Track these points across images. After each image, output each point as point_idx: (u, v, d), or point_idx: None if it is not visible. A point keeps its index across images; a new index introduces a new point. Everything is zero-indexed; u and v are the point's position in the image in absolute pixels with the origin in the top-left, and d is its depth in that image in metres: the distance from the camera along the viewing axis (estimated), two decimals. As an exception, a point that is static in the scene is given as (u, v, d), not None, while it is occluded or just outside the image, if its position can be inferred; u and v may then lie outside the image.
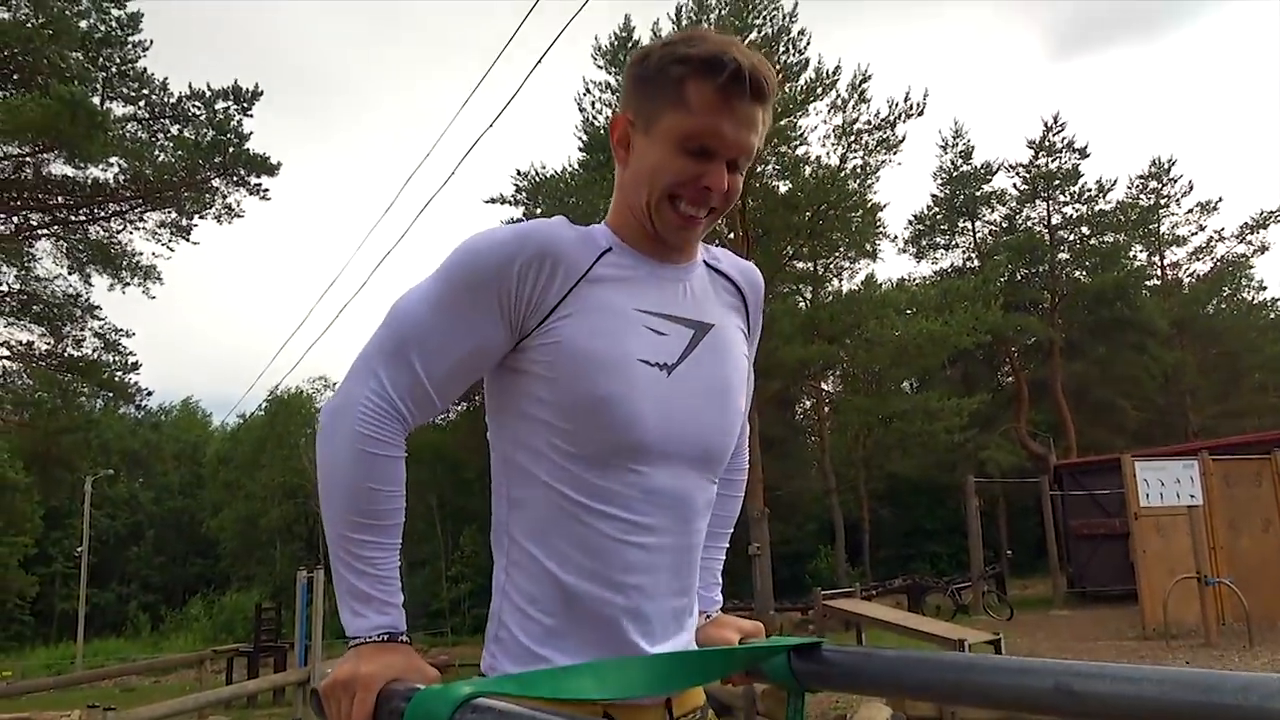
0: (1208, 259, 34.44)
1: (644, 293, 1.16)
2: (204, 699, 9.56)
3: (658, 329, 1.15)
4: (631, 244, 1.18)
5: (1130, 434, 30.91)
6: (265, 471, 39.89)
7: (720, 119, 1.09)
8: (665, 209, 1.13)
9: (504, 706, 0.75)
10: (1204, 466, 12.08)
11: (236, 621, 32.50)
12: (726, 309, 1.26)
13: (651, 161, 1.13)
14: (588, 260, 1.14)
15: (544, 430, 1.12)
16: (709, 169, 1.11)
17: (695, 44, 1.11)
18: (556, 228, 1.14)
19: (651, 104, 1.13)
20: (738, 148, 1.12)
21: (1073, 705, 0.87)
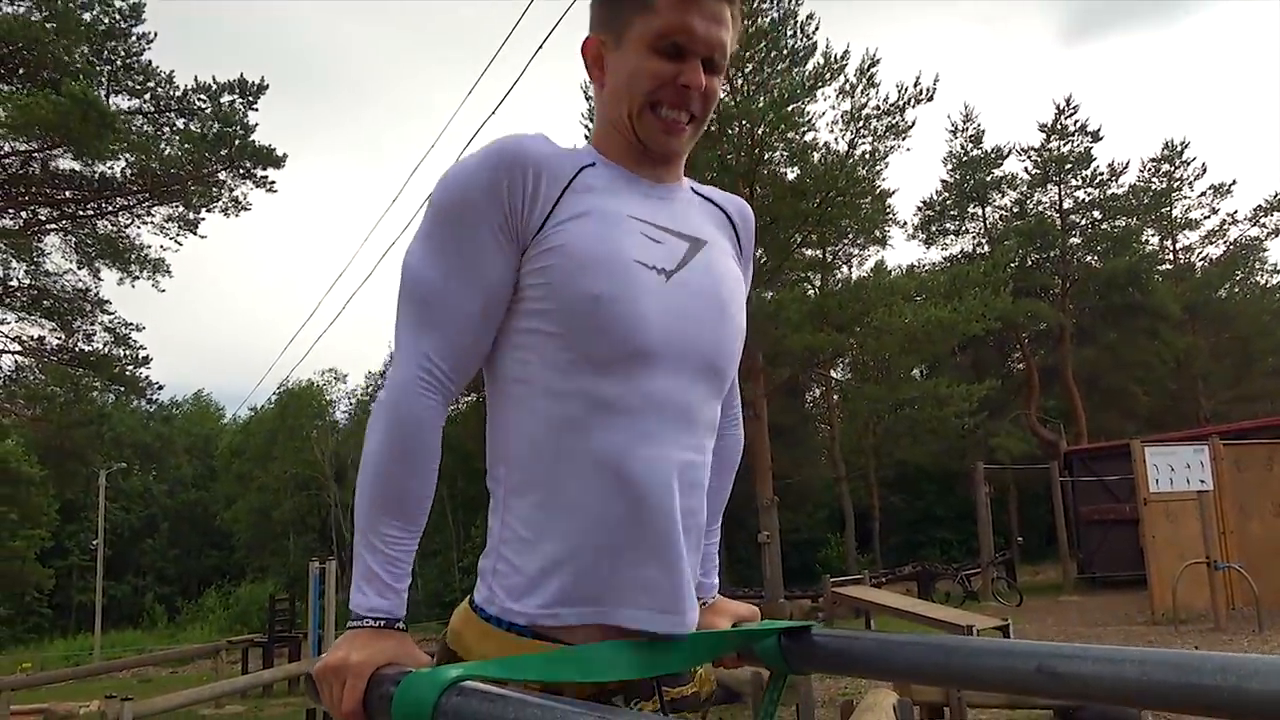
0: (1220, 242, 34.19)
1: (634, 203, 1.14)
2: (220, 688, 9.67)
3: (653, 236, 1.13)
4: (617, 160, 1.17)
5: (1142, 420, 30.78)
6: (277, 464, 40.13)
7: (688, 14, 1.10)
8: (648, 116, 1.13)
9: (490, 689, 0.77)
10: (1214, 451, 12.05)
11: (251, 612, 32.74)
12: (717, 229, 1.25)
13: (627, 71, 1.13)
14: (570, 170, 1.12)
15: (541, 344, 1.08)
16: (684, 67, 1.11)
17: None
18: (532, 140, 1.12)
19: (619, 16, 1.14)
20: (709, 44, 1.12)
21: (1055, 686, 0.88)
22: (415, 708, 0.80)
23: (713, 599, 1.31)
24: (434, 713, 0.78)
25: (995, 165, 33.08)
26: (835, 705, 6.29)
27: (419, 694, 0.81)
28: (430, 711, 0.78)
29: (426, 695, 0.79)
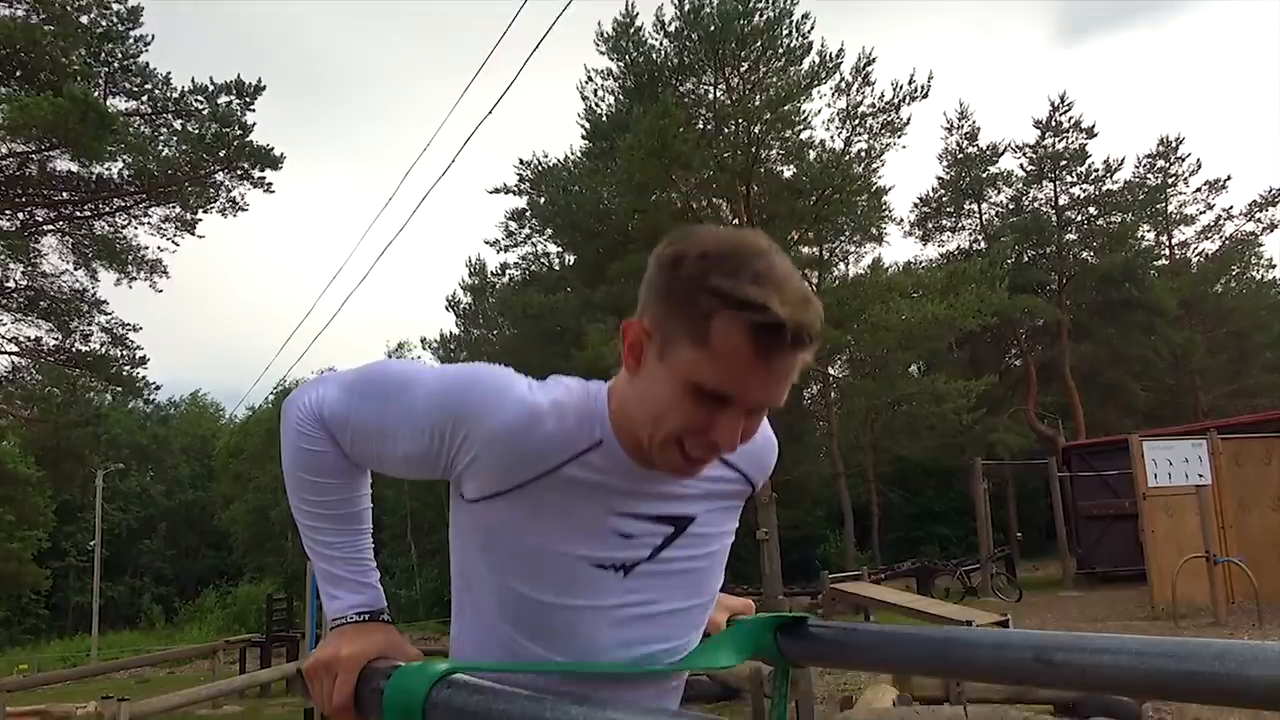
0: (1216, 237, 34.26)
1: (618, 496, 1.06)
2: (218, 688, 9.64)
3: (625, 531, 1.06)
4: (625, 441, 1.04)
5: (1139, 415, 30.80)
6: (274, 464, 40.04)
7: (748, 372, 0.92)
8: (670, 450, 0.99)
9: (479, 682, 0.76)
10: (1213, 446, 12.05)
11: (249, 612, 32.68)
12: (714, 497, 1.14)
13: (659, 395, 0.97)
14: (558, 459, 1.03)
15: (485, 574, 1.08)
16: (721, 420, 0.95)
17: (733, 271, 0.91)
18: (537, 420, 1.02)
19: (670, 325, 0.95)
20: (764, 399, 0.96)
21: (1053, 675, 0.87)
22: (406, 701, 0.80)
23: None
24: (425, 706, 0.77)
25: (991, 162, 33.12)
26: (835, 701, 6.29)
27: (410, 687, 0.80)
28: (421, 705, 0.77)
29: (417, 688, 0.79)
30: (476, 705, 0.72)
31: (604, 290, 22.10)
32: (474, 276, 37.59)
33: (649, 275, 1.00)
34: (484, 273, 37.11)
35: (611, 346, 17.79)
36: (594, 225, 23.50)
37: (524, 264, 32.50)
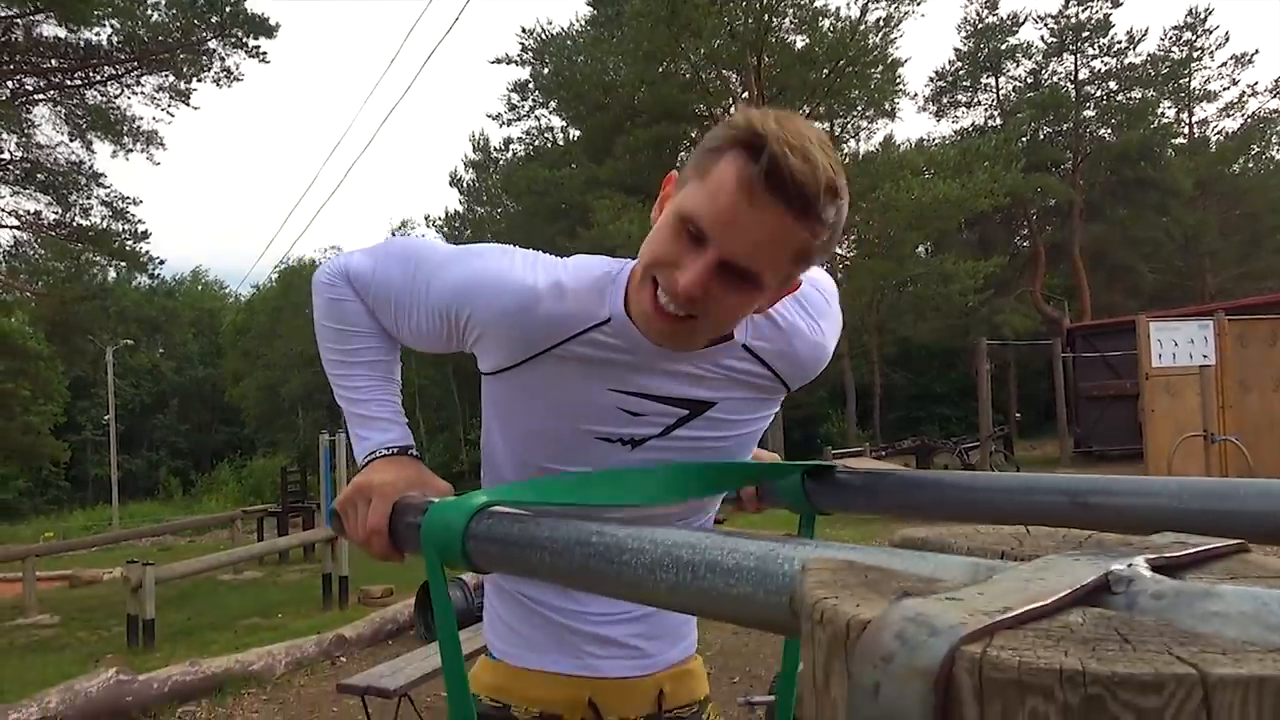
0: (1238, 115, 33.26)
1: (625, 373, 1.06)
2: (239, 554, 10.00)
3: (632, 409, 1.07)
4: (639, 318, 1.03)
5: (1146, 297, 30.68)
6: (282, 341, 40.38)
7: (725, 206, 0.89)
8: (644, 288, 0.97)
9: (520, 512, 0.76)
10: (1219, 327, 12.04)
11: (264, 485, 33.59)
12: (740, 386, 1.11)
13: (654, 229, 0.99)
14: (560, 336, 1.04)
15: (502, 443, 1.18)
16: (690, 259, 0.91)
17: (761, 116, 0.91)
18: (535, 300, 1.03)
19: (691, 167, 0.96)
20: (736, 251, 0.90)
21: (1089, 518, 0.87)
22: (445, 534, 0.80)
23: None
24: (465, 537, 0.77)
25: (1011, 33, 31.89)
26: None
27: (448, 520, 0.80)
28: (461, 536, 0.78)
29: (455, 521, 0.79)
30: (519, 534, 0.72)
31: (610, 165, 21.68)
32: (478, 152, 36.88)
33: None
34: (488, 148, 36.40)
35: (619, 225, 17.59)
36: (599, 97, 22.83)
37: (528, 138, 31.84)
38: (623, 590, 0.62)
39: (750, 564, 0.53)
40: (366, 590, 9.62)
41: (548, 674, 1.19)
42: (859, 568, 0.45)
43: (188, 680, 4.69)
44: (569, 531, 0.67)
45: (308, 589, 10.60)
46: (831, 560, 0.46)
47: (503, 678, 1.23)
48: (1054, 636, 0.32)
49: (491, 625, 1.27)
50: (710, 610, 0.55)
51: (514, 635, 1.23)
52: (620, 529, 0.64)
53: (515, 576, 0.80)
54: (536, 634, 1.20)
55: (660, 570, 0.58)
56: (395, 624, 6.29)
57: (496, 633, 1.26)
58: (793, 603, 0.50)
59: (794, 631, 0.50)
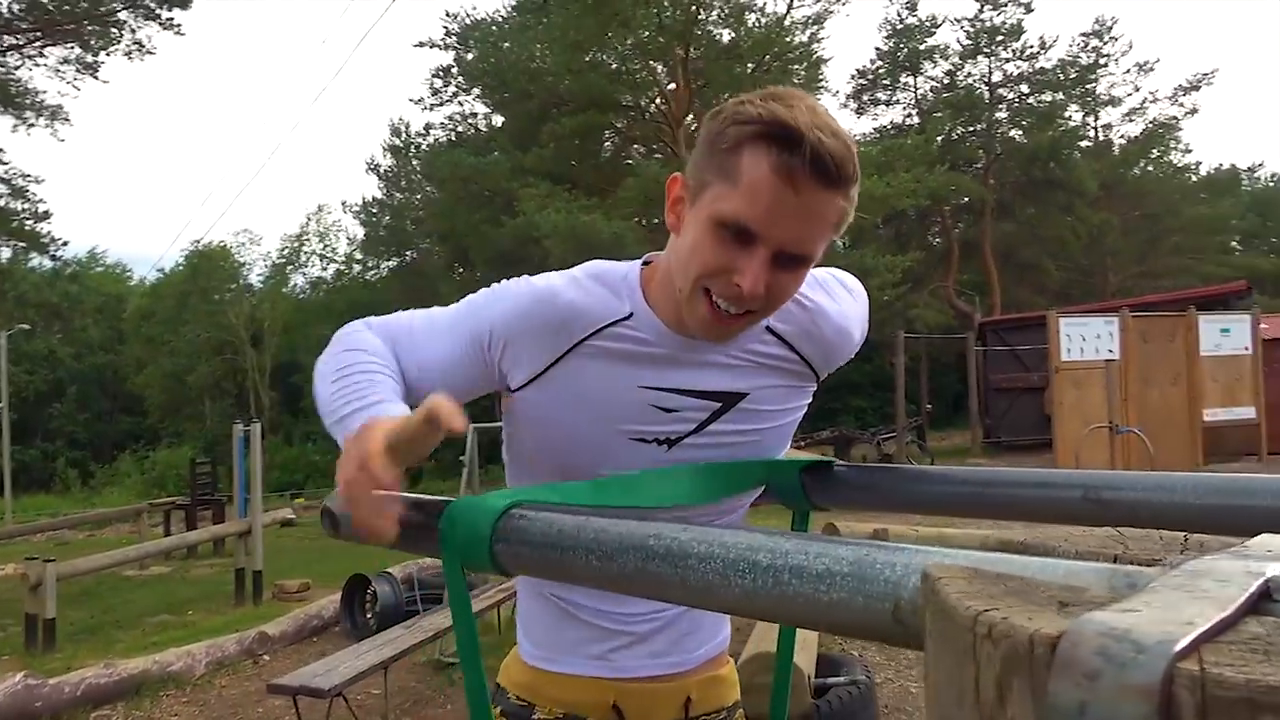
0: (1140, 120, 34.80)
1: (654, 369, 1.06)
2: (146, 550, 9.62)
3: (665, 405, 1.06)
4: (665, 315, 1.05)
5: (1052, 293, 31.86)
6: (190, 327, 38.92)
7: (770, 201, 0.90)
8: (697, 300, 0.97)
9: (553, 512, 0.72)
10: (1124, 323, 12.60)
11: (168, 477, 32.39)
12: (770, 373, 1.11)
13: (689, 240, 0.97)
14: (584, 330, 1.04)
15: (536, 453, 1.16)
16: (744, 262, 0.92)
17: (765, 104, 0.91)
18: (553, 292, 1.05)
19: (704, 169, 0.96)
20: (787, 240, 0.92)
21: (1104, 514, 0.88)
22: (468, 536, 0.76)
23: None
24: (491, 539, 0.73)
25: (929, 34, 32.68)
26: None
27: (471, 520, 0.76)
28: (487, 539, 0.74)
29: (481, 522, 0.75)
30: (559, 536, 0.68)
31: (536, 153, 21.47)
32: (396, 137, 36.07)
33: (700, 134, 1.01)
34: (407, 133, 35.66)
35: (545, 214, 17.43)
36: (525, 85, 22.57)
37: (450, 124, 31.30)
38: (688, 596, 0.59)
39: (843, 569, 0.51)
40: (282, 585, 9.37)
41: (574, 676, 1.17)
42: (989, 575, 0.43)
43: (102, 683, 4.46)
44: (621, 533, 0.64)
45: (219, 585, 10.28)
46: (953, 567, 0.44)
47: (530, 677, 1.21)
48: (1254, 649, 0.30)
49: (524, 625, 1.25)
50: (794, 616, 0.53)
51: (544, 636, 1.21)
52: (681, 531, 0.61)
53: (548, 580, 0.75)
54: (566, 635, 1.17)
55: (735, 575, 0.56)
56: (320, 620, 6.12)
57: (528, 633, 1.24)
58: (898, 610, 0.48)
59: (897, 639, 0.49)
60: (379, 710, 4.09)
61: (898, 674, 4.40)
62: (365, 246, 39.56)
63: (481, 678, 0.86)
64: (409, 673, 4.72)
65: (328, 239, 42.91)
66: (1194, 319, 12.86)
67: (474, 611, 3.54)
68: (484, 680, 0.86)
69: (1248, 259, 38.29)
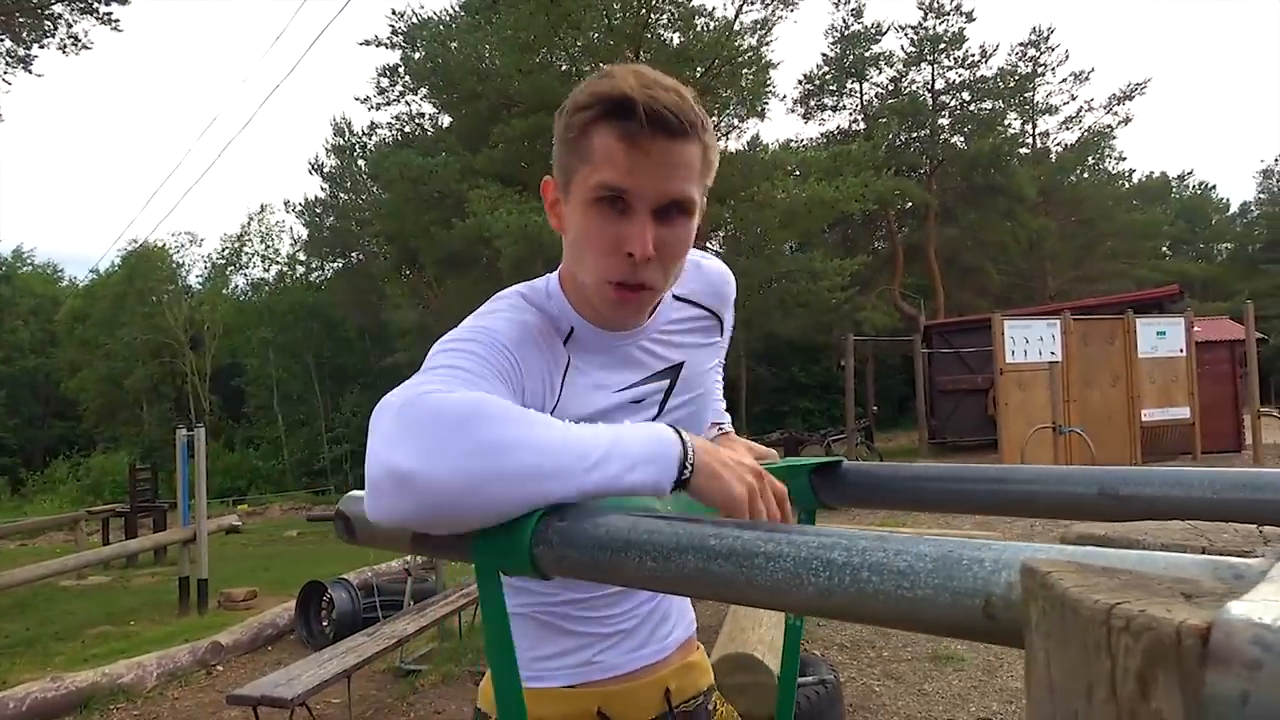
0: (1076, 128, 35.79)
1: (613, 370, 1.10)
2: (85, 559, 9.31)
3: (634, 398, 1.12)
4: (589, 316, 1.08)
5: (993, 296, 32.61)
6: (126, 330, 37.84)
7: (625, 163, 0.94)
8: (604, 289, 1.00)
9: (598, 514, 0.71)
10: (1065, 326, 12.92)
11: (104, 484, 31.47)
12: (696, 334, 1.21)
13: (574, 230, 1.00)
14: (562, 354, 1.06)
15: None
16: (629, 229, 0.95)
17: (595, 85, 0.97)
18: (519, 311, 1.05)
19: (565, 161, 1.00)
20: (656, 194, 0.95)
21: (1120, 510, 0.89)
22: (505, 539, 0.74)
23: (728, 428, 1.36)
24: (532, 542, 0.72)
25: (874, 41, 33.26)
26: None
27: (509, 523, 0.75)
28: (528, 541, 0.72)
29: (520, 524, 0.74)
30: (607, 537, 0.67)
31: (486, 155, 21.28)
32: (340, 136, 35.51)
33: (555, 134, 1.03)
34: (351, 132, 35.12)
35: (496, 215, 17.28)
36: (474, 85, 22.37)
37: (397, 124, 30.92)
38: (755, 596, 0.58)
39: (926, 565, 0.51)
40: (228, 593, 9.17)
41: (556, 690, 1.15)
42: (1094, 569, 0.43)
43: (49, 697, 4.29)
44: (679, 534, 0.63)
45: (161, 594, 10.04)
46: (1055, 561, 0.44)
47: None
48: None
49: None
50: (874, 615, 0.53)
51: (523, 655, 1.17)
52: (744, 529, 0.60)
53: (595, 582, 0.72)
54: (547, 650, 1.15)
55: (808, 574, 0.55)
56: (275, 629, 5.97)
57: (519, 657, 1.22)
58: (989, 606, 0.48)
59: (987, 635, 0.49)
60: (342, 719, 4.01)
61: (860, 673, 4.45)
62: (309, 247, 38.89)
63: (518, 693, 0.82)
64: (369, 681, 4.64)
65: (270, 239, 42.06)
66: (1132, 322, 13.24)
67: (435, 618, 3.45)
68: (520, 694, 0.82)
69: (1177, 264, 39.69)
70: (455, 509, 0.72)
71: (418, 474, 0.71)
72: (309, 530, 18.11)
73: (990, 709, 4.07)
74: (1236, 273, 44.20)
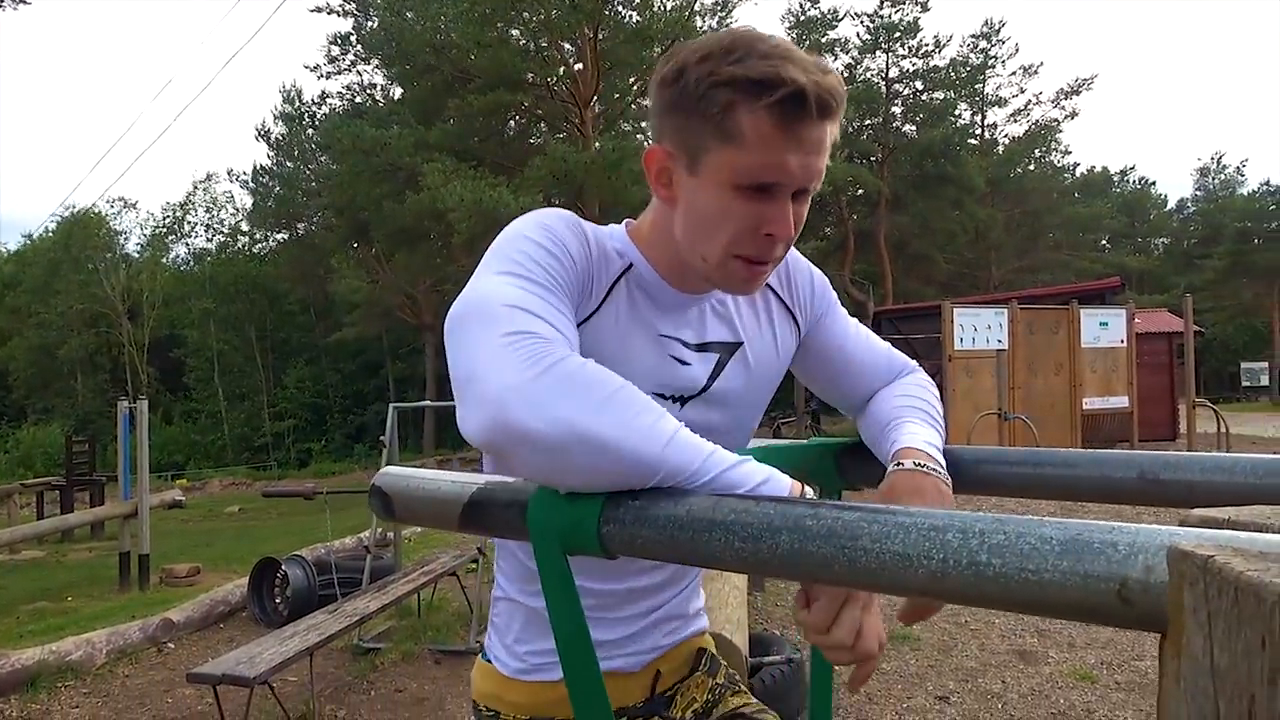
0: (1024, 121, 36.46)
1: (669, 316, 1.06)
2: (19, 533, 8.99)
3: (680, 357, 1.06)
4: (662, 269, 1.05)
5: (939, 284, 33.18)
6: (60, 298, 36.62)
7: (782, 151, 0.90)
8: (731, 264, 0.97)
9: (676, 492, 0.70)
10: (1013, 314, 13.20)
11: (35, 456, 30.54)
12: (760, 314, 1.16)
13: (703, 209, 0.95)
14: (613, 270, 1.03)
15: None
16: (771, 211, 0.93)
17: (740, 59, 0.90)
18: (588, 228, 1.03)
19: (695, 136, 0.93)
20: (805, 178, 0.93)
21: (1160, 494, 0.90)
22: (570, 518, 0.72)
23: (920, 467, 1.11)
24: (600, 520, 0.71)
25: (831, 27, 33.39)
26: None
27: (574, 502, 0.73)
28: (596, 520, 0.71)
29: (587, 503, 0.72)
30: (688, 516, 0.66)
31: (441, 129, 20.95)
32: (289, 104, 34.67)
33: (654, 102, 0.98)
34: (300, 100, 34.32)
35: (450, 188, 17.03)
36: (429, 58, 21.97)
37: (348, 93, 30.29)
38: (855, 577, 0.57)
39: (1053, 548, 0.50)
40: (170, 569, 8.95)
41: (552, 682, 1.13)
42: (1251, 554, 0.42)
43: (-8, 675, 4.16)
44: (769, 514, 0.62)
45: (99, 569, 9.77)
46: (1207, 545, 0.44)
47: (498, 687, 1.17)
48: None
49: (498, 634, 1.19)
50: (994, 598, 0.52)
51: (520, 647, 1.16)
52: (843, 509, 0.59)
53: (671, 561, 0.69)
54: (549, 645, 1.08)
55: (921, 557, 0.54)
56: (227, 605, 5.84)
57: (502, 642, 1.18)
58: (1125, 589, 0.47)
59: (1121, 619, 0.48)
60: (302, 698, 3.94)
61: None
62: (253, 217, 37.97)
63: (596, 684, 0.78)
64: (327, 659, 4.56)
65: (214, 209, 40.98)
66: (1076, 312, 13.57)
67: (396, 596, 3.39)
68: (600, 685, 0.78)
69: (1117, 256, 40.73)
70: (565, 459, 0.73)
71: (576, 423, 0.73)
72: (251, 506, 17.78)
73: (947, 688, 4.16)
74: (1171, 266, 45.59)
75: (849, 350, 1.21)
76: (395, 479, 0.88)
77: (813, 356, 1.21)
